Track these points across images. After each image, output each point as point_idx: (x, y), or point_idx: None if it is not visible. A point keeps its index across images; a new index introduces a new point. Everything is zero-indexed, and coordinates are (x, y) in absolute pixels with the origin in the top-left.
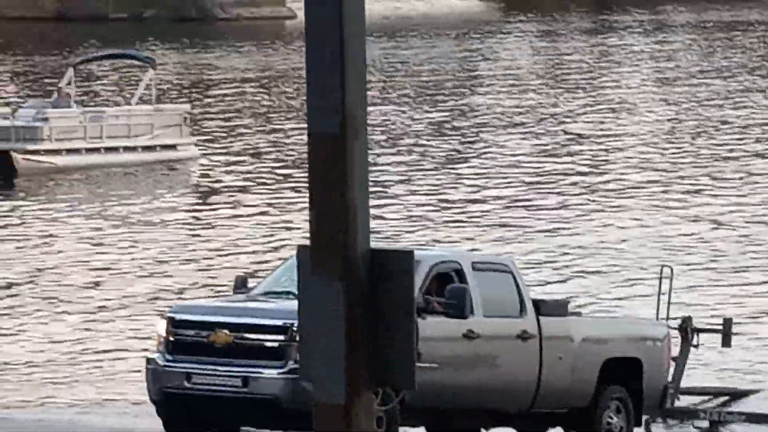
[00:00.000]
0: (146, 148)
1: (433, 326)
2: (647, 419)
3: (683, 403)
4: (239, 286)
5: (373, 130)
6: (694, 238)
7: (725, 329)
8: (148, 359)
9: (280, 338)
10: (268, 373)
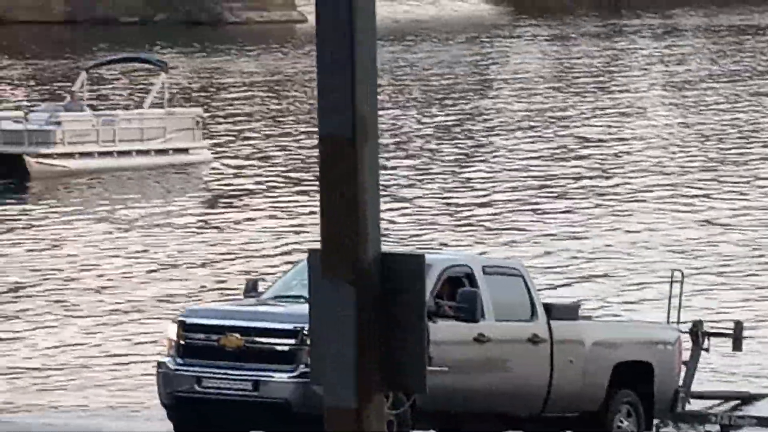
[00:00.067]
0: (159, 151)
1: (444, 330)
2: (658, 423)
3: (694, 407)
4: (250, 289)
5: (382, 133)
6: (703, 241)
7: (736, 333)
8: (158, 363)
9: (290, 342)
10: (278, 377)
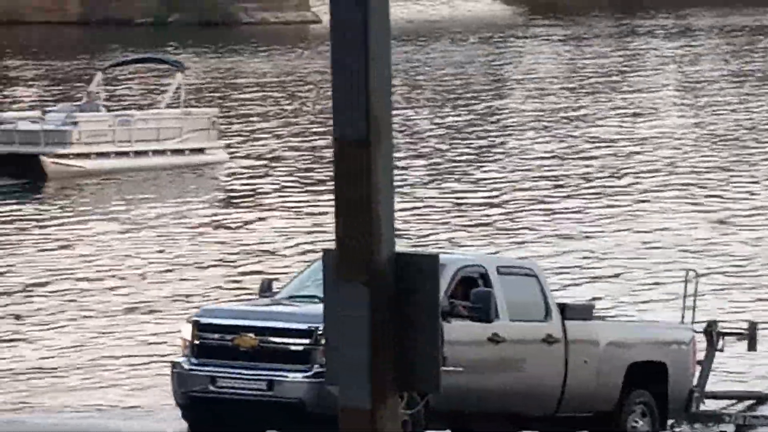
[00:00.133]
0: (175, 151)
1: (458, 330)
2: (672, 423)
3: (709, 407)
4: (265, 289)
5: (396, 134)
6: (717, 241)
7: (751, 333)
8: (173, 363)
9: (305, 342)
10: (293, 376)
